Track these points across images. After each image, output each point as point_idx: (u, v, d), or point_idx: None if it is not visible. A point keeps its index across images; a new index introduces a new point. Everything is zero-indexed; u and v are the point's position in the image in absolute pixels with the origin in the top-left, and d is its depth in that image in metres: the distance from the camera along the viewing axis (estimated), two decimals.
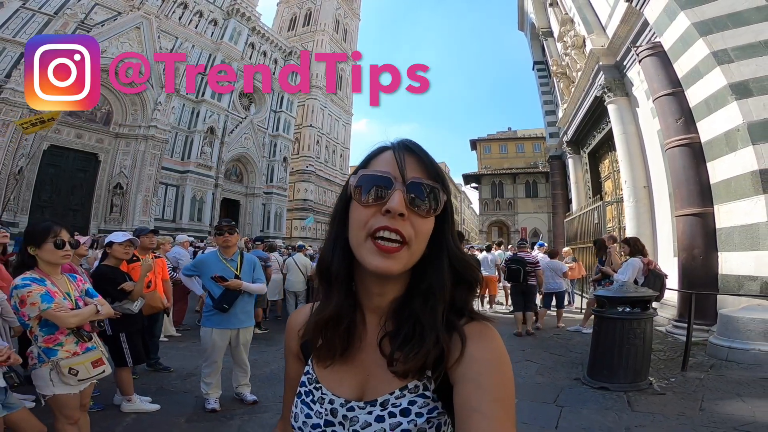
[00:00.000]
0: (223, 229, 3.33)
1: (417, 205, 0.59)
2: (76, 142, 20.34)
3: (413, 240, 0.58)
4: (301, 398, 0.67)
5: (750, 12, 5.74)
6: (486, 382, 0.55)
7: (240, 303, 3.27)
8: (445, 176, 0.64)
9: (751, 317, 4.36)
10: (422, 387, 0.60)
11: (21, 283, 1.91)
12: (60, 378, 1.94)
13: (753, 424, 2.85)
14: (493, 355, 0.58)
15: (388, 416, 0.59)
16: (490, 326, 0.63)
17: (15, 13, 17.89)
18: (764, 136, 4.92)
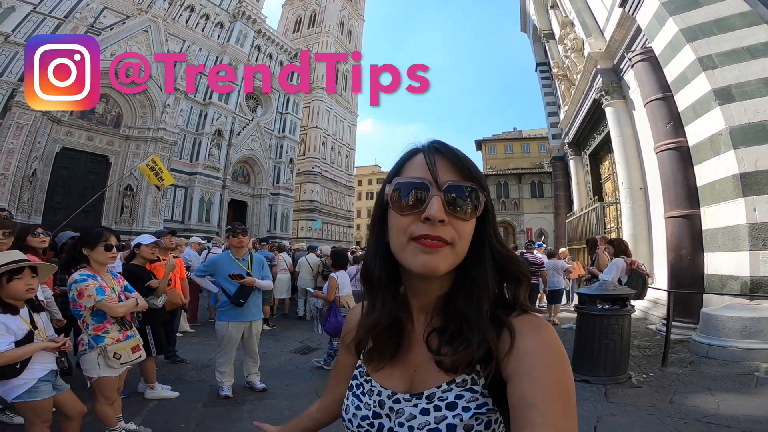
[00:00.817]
0: (237, 231, 3.72)
1: (456, 208, 0.59)
2: (87, 145, 20.75)
3: (457, 242, 0.59)
4: (353, 391, 0.69)
5: (734, 18, 5.90)
6: (541, 376, 0.54)
7: (252, 298, 3.64)
8: (480, 174, 0.64)
9: (729, 315, 4.61)
10: (470, 381, 0.60)
11: (79, 278, 2.27)
12: (105, 362, 2.30)
13: (715, 415, 3.11)
14: (548, 348, 0.57)
15: (433, 409, 0.59)
16: (544, 320, 0.62)
17: (26, 17, 18.19)
18: (745, 141, 5.13)
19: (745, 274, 4.92)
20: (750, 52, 5.55)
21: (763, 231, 4.83)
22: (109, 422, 2.46)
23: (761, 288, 4.77)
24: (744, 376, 3.96)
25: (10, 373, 1.88)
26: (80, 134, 20.59)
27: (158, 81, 22.41)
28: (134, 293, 2.56)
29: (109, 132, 21.56)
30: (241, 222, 20.96)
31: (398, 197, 0.60)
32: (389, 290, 0.66)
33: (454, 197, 0.59)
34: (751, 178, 4.99)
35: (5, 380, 1.90)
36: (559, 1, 14.14)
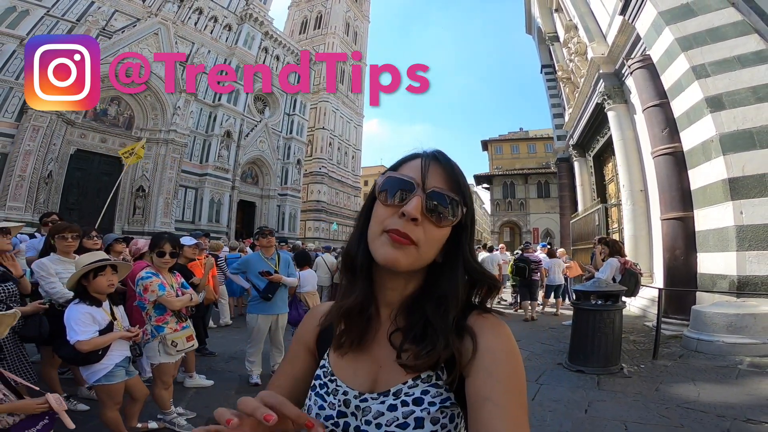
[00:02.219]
0: (266, 233, 4.16)
1: (433, 213, 0.62)
2: (100, 146, 21.11)
3: (422, 244, 0.61)
4: (315, 391, 0.69)
5: (727, 27, 6.10)
6: (498, 372, 0.57)
7: (279, 293, 4.05)
8: (468, 190, 0.67)
9: (716, 312, 4.92)
10: (435, 377, 0.62)
11: (145, 275, 2.66)
12: (165, 349, 2.69)
13: (695, 402, 3.44)
14: (505, 347, 0.60)
15: (401, 405, 0.60)
16: (502, 321, 0.65)
17: (40, 20, 18.51)
18: (733, 147, 5.41)
19: (733, 273, 5.22)
20: (740, 61, 5.79)
21: (749, 233, 5.14)
22: (165, 405, 2.87)
23: (747, 286, 5.07)
24: (727, 369, 4.27)
25: (94, 358, 2.26)
26: (94, 136, 20.94)
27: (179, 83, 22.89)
28: (189, 289, 2.96)
29: (121, 134, 21.89)
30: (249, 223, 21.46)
31: (386, 190, 0.64)
32: (367, 278, 0.69)
33: (435, 204, 0.62)
34: (738, 182, 5.28)
35: (89, 365, 2.29)
36: (563, 5, 14.27)
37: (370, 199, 0.70)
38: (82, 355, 2.22)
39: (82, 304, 2.31)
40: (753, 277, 5.07)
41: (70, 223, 3.08)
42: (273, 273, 3.96)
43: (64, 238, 2.85)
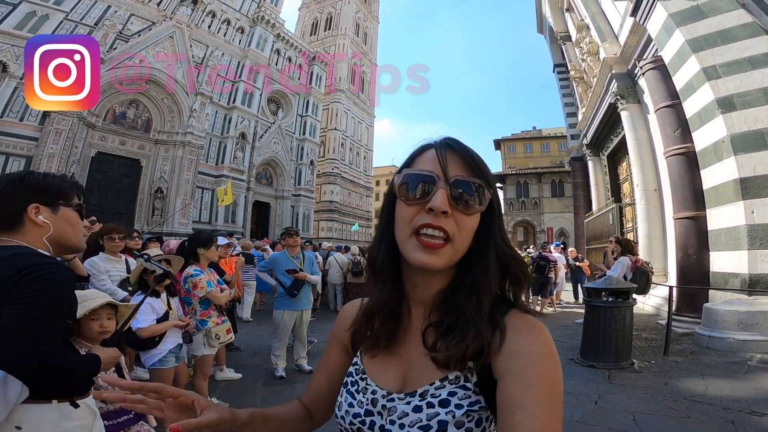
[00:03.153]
0: (291, 234, 4.46)
1: (460, 202, 0.60)
2: (120, 149, 21.59)
3: (456, 236, 0.60)
4: (347, 388, 0.69)
5: (737, 29, 6.16)
6: (531, 376, 0.54)
7: (304, 290, 4.31)
8: (489, 172, 0.65)
9: (727, 309, 5.01)
10: (463, 378, 0.60)
11: (194, 273, 2.93)
12: (208, 341, 2.96)
13: (702, 395, 3.58)
14: (540, 349, 0.57)
15: (426, 406, 0.59)
16: (539, 321, 0.61)
17: (60, 24, 18.95)
18: (744, 148, 5.48)
19: (744, 272, 5.30)
20: (751, 62, 5.85)
21: (761, 231, 5.22)
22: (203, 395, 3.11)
23: (759, 284, 5.15)
24: (737, 365, 4.38)
25: (152, 344, 2.52)
26: (113, 139, 21.40)
27: (184, 86, 23.33)
28: (225, 285, 3.22)
29: (140, 136, 22.37)
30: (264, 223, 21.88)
31: (406, 188, 0.62)
32: (391, 278, 0.68)
33: (461, 192, 0.61)
34: (749, 182, 5.36)
35: (148, 350, 2.55)
36: (574, 5, 14.27)
37: (389, 199, 0.68)
38: (142, 341, 2.48)
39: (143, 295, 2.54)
40: (764, 276, 5.15)
41: (117, 225, 3.35)
42: (299, 271, 4.21)
43: (112, 238, 3.12)
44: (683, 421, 3.04)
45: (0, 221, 1.21)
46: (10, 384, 1.12)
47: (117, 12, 21.18)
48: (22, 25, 17.96)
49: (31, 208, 1.22)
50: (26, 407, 1.18)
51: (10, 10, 17.81)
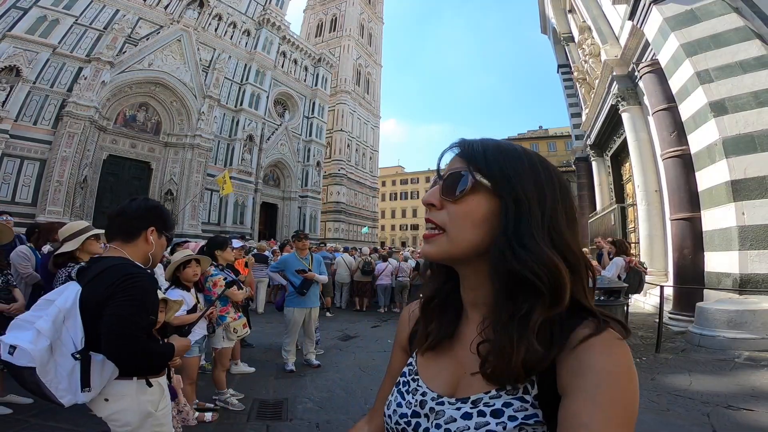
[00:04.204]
0: (300, 237, 4.80)
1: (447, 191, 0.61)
2: (131, 152, 22.02)
3: (448, 225, 0.60)
4: (398, 387, 0.69)
5: (729, 33, 6.26)
6: (603, 397, 0.48)
7: (312, 289, 4.62)
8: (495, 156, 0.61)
9: (718, 308, 5.19)
10: (522, 390, 0.56)
11: (214, 272, 3.22)
12: (227, 335, 3.26)
13: (686, 390, 3.78)
14: (616, 367, 0.51)
15: (476, 414, 0.56)
16: (617, 334, 0.54)
17: (70, 29, 19.40)
18: (735, 151, 5.63)
19: (735, 271, 5.45)
20: (742, 66, 5.96)
21: (751, 233, 5.38)
22: (221, 386, 3.45)
23: (749, 283, 5.32)
24: (724, 362, 4.56)
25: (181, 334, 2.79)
26: (124, 142, 21.83)
27: (192, 89, 23.74)
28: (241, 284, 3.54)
29: (150, 139, 22.77)
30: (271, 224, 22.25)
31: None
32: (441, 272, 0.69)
33: (449, 183, 0.61)
34: (740, 184, 5.52)
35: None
36: (576, 7, 14.37)
37: None
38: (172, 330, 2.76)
39: (177, 290, 2.89)
40: (754, 275, 5.32)
41: None
42: (308, 271, 4.50)
43: None
44: (662, 414, 3.25)
45: (125, 232, 1.63)
46: (106, 365, 1.46)
47: (125, 16, 21.54)
48: (34, 29, 18.32)
49: (151, 229, 1.66)
50: (113, 383, 1.52)
51: (21, 14, 18.18)
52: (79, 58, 19.53)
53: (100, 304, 1.44)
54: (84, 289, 1.47)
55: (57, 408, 3.15)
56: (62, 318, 1.42)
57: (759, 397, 3.50)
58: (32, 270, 4.19)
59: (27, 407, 3.18)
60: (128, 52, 21.22)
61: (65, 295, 1.46)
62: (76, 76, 19.26)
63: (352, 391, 4.05)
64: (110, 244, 1.63)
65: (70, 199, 18.69)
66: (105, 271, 1.50)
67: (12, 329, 1.43)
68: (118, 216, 1.66)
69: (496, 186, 0.60)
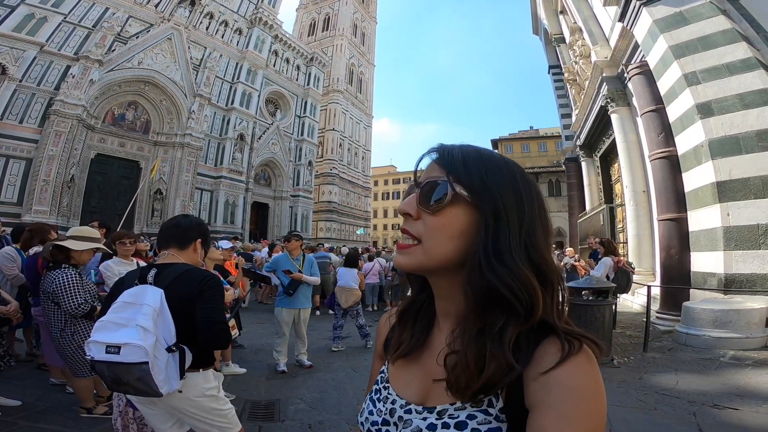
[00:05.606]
0: (290, 238, 4.82)
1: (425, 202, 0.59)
2: (119, 151, 21.84)
3: (424, 237, 0.58)
4: (371, 395, 0.69)
5: (716, 35, 6.31)
6: (570, 412, 0.48)
7: (301, 290, 4.62)
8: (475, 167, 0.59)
9: (703, 308, 5.27)
10: (487, 403, 0.55)
11: None
12: None
13: (672, 389, 3.84)
14: (584, 382, 0.50)
15: (441, 426, 0.56)
16: (587, 348, 0.54)
17: (58, 26, 19.16)
18: (721, 152, 5.71)
19: (720, 271, 5.54)
20: (729, 68, 6.03)
21: (735, 233, 5.47)
22: None
23: (733, 283, 5.41)
24: (710, 361, 4.63)
25: None
26: (113, 140, 21.61)
27: (183, 87, 23.52)
28: (229, 286, 3.48)
29: (139, 138, 22.60)
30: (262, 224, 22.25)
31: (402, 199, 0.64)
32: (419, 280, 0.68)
33: (426, 192, 0.59)
34: (725, 186, 5.61)
35: None
36: (567, 8, 14.46)
37: None
38: None
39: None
40: (739, 275, 5.41)
41: (128, 231, 3.59)
42: (296, 272, 4.48)
43: (123, 243, 3.37)
44: (649, 413, 3.30)
45: (179, 241, 1.92)
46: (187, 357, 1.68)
47: (115, 14, 21.31)
48: (21, 27, 18.05)
49: (199, 241, 1.99)
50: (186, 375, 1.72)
51: (9, 12, 17.90)
52: (67, 56, 19.28)
53: (192, 300, 1.71)
54: (166, 290, 1.68)
55: (45, 410, 3.15)
56: (156, 316, 1.60)
57: (743, 396, 3.56)
58: (18, 271, 4.13)
59: (15, 409, 3.14)
60: (118, 51, 21.00)
61: (152, 296, 1.64)
62: (63, 75, 19.04)
63: (344, 392, 4.05)
64: (166, 251, 1.90)
65: (57, 199, 18.49)
66: (183, 274, 1.78)
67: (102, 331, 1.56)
68: (173, 227, 1.96)
69: (476, 198, 0.58)
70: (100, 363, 1.54)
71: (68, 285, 2.75)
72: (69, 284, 2.76)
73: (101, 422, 3.01)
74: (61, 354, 2.97)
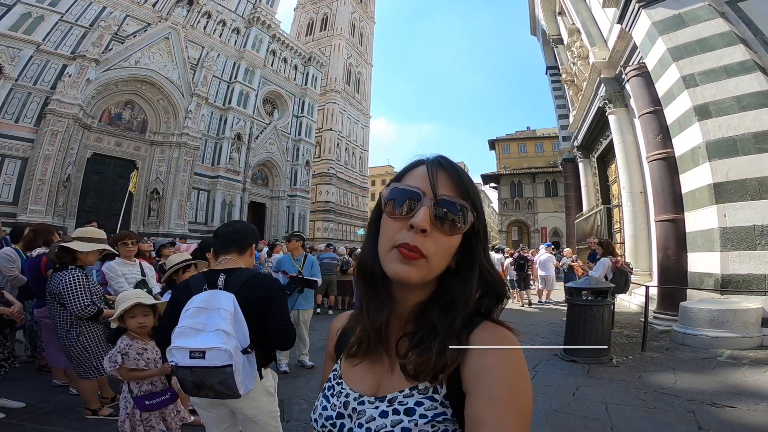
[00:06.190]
0: (291, 238, 4.84)
1: (443, 222, 0.60)
2: (116, 150, 21.66)
3: (431, 256, 0.60)
4: (323, 392, 0.71)
5: (715, 38, 6.36)
6: (497, 394, 0.53)
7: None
8: (477, 195, 0.65)
9: (700, 308, 5.33)
10: (432, 390, 0.60)
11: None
12: None
13: (671, 388, 3.88)
14: (509, 366, 0.56)
15: (392, 413, 0.60)
16: (511, 336, 0.61)
17: (55, 26, 19.00)
18: (718, 154, 5.76)
19: (717, 272, 5.59)
20: (726, 71, 6.08)
21: (732, 234, 5.52)
22: None
23: (730, 284, 5.46)
24: (707, 360, 4.69)
25: None
26: (109, 140, 21.45)
27: (180, 87, 23.43)
28: None
29: (135, 138, 22.41)
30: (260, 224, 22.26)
31: (393, 204, 0.63)
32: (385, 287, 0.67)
33: (445, 211, 0.61)
34: (722, 187, 5.66)
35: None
36: (566, 9, 14.51)
37: (376, 211, 0.69)
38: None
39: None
40: (735, 276, 5.46)
41: (129, 231, 3.59)
42: (295, 273, 4.49)
43: (125, 244, 3.37)
44: (650, 411, 3.34)
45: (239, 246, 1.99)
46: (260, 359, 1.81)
47: (112, 13, 21.14)
48: (18, 26, 17.90)
49: (253, 246, 2.08)
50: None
51: (5, 11, 17.75)
52: (63, 55, 19.14)
53: (262, 304, 1.81)
54: (237, 294, 1.75)
55: (49, 412, 3.15)
56: (232, 319, 1.67)
57: (741, 395, 3.61)
58: (18, 272, 4.12)
59: (18, 411, 3.14)
60: (115, 50, 20.86)
61: (225, 301, 1.70)
62: (60, 74, 18.89)
63: None
64: (227, 256, 1.97)
65: (53, 198, 18.32)
66: (251, 278, 1.87)
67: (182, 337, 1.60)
68: (234, 233, 2.03)
69: (476, 221, 0.65)
70: (183, 369, 1.58)
71: (75, 286, 2.76)
72: (76, 286, 2.76)
73: (106, 424, 3.01)
74: (67, 355, 2.97)
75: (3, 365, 3.02)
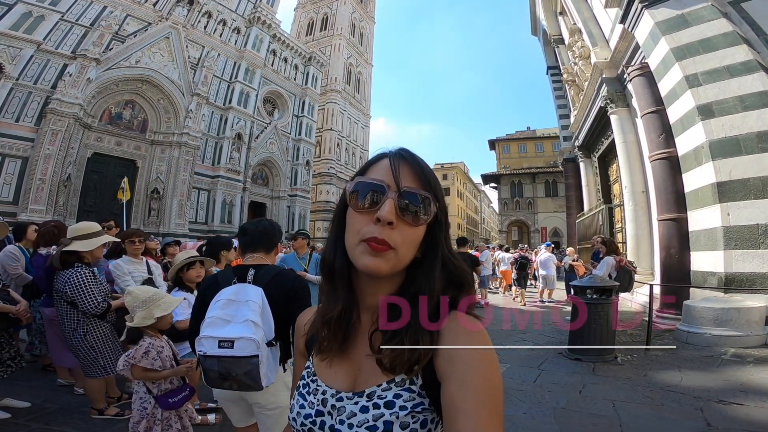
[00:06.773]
0: (296, 237, 4.89)
1: (407, 213, 0.62)
2: (116, 150, 21.60)
3: (399, 246, 0.62)
4: (299, 390, 0.71)
5: (718, 38, 6.38)
6: (471, 381, 0.55)
7: None
8: (438, 185, 0.67)
9: (704, 306, 5.33)
10: (409, 381, 0.61)
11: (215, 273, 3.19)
12: None
13: (677, 386, 3.88)
14: (480, 354, 0.58)
15: (372, 407, 0.61)
16: (480, 325, 0.62)
17: (55, 25, 18.94)
18: (721, 153, 5.78)
19: (721, 270, 5.61)
20: (729, 71, 6.10)
21: (735, 233, 5.53)
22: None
23: (733, 282, 5.47)
24: (712, 358, 4.69)
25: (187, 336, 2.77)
26: (109, 139, 21.40)
27: (180, 86, 23.41)
28: None
29: (136, 137, 22.35)
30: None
31: (356, 197, 0.64)
32: (347, 285, 0.69)
33: (407, 203, 0.62)
34: (726, 186, 5.67)
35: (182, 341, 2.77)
36: (567, 9, 14.51)
37: (341, 205, 0.69)
38: (178, 332, 2.72)
39: (181, 291, 2.84)
40: (738, 274, 5.47)
41: (137, 229, 3.59)
42: (301, 271, 4.48)
43: (132, 242, 3.37)
44: (657, 408, 3.34)
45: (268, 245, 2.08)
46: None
47: (113, 13, 21.10)
48: (18, 25, 17.85)
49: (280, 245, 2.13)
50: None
51: (6, 10, 17.70)
52: (64, 54, 19.10)
53: (287, 299, 1.85)
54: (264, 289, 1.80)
55: (55, 411, 3.14)
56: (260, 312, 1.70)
57: (748, 392, 3.61)
58: (22, 270, 4.11)
59: (24, 411, 3.12)
60: (115, 49, 20.82)
61: (254, 294, 1.75)
62: (60, 73, 18.83)
63: None
64: (255, 254, 2.04)
65: (53, 198, 18.28)
66: (277, 275, 1.94)
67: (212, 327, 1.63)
68: (263, 233, 2.09)
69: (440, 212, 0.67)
70: (210, 358, 1.61)
71: (84, 284, 2.75)
72: (85, 283, 2.76)
73: (113, 423, 3.00)
74: (74, 354, 2.96)
75: (9, 365, 3.01)
